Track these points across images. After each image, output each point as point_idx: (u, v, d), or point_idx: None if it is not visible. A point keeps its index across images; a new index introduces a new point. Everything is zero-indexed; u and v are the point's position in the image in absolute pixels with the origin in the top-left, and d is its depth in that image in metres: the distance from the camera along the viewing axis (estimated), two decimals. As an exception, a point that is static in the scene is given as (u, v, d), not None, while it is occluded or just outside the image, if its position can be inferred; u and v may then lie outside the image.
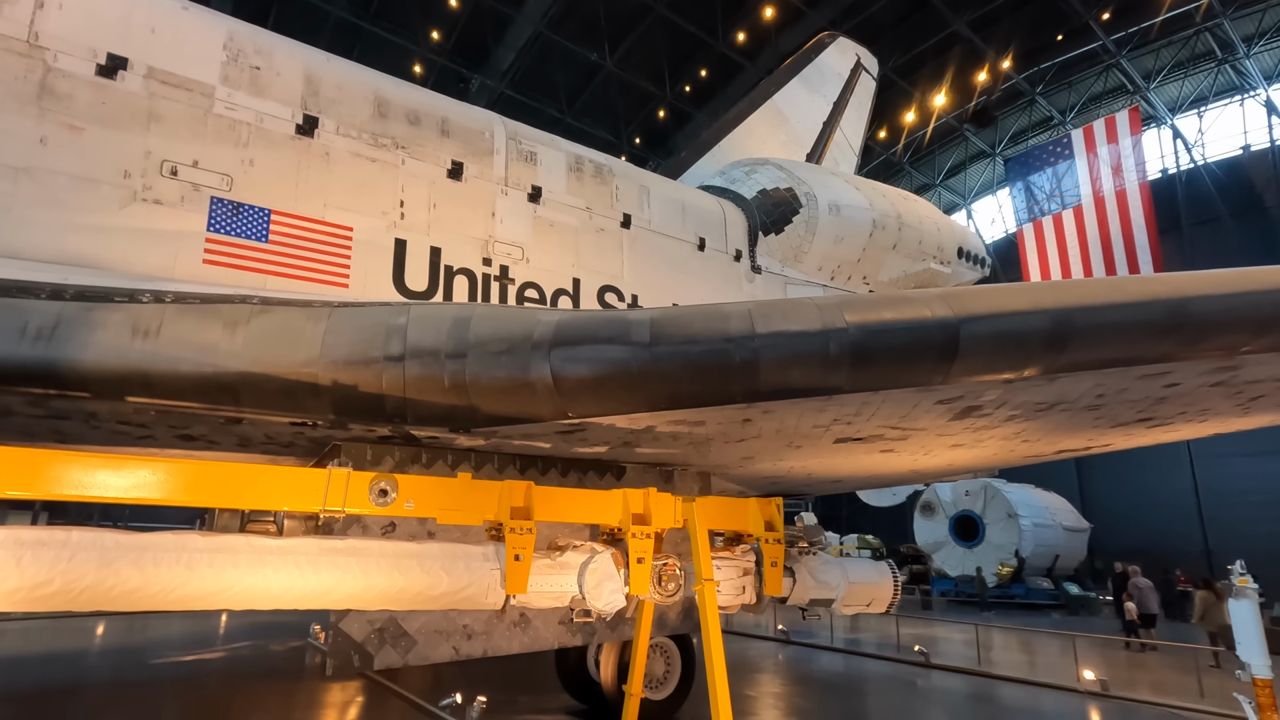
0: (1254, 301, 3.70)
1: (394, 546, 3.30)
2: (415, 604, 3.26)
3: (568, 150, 8.59)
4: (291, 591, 2.96)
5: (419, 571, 3.21)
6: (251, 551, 2.91)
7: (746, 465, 6.89)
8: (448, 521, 3.57)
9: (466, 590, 3.35)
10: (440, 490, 3.62)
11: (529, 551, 3.50)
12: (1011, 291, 4.02)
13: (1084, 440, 6.85)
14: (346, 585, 3.06)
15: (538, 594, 3.59)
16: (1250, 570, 16.63)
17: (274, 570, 2.92)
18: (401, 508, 3.45)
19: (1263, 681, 3.66)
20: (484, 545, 3.56)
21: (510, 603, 3.48)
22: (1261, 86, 29.98)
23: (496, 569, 3.44)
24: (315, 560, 3.01)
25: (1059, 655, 10.66)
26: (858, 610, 5.24)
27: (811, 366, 4.01)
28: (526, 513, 3.61)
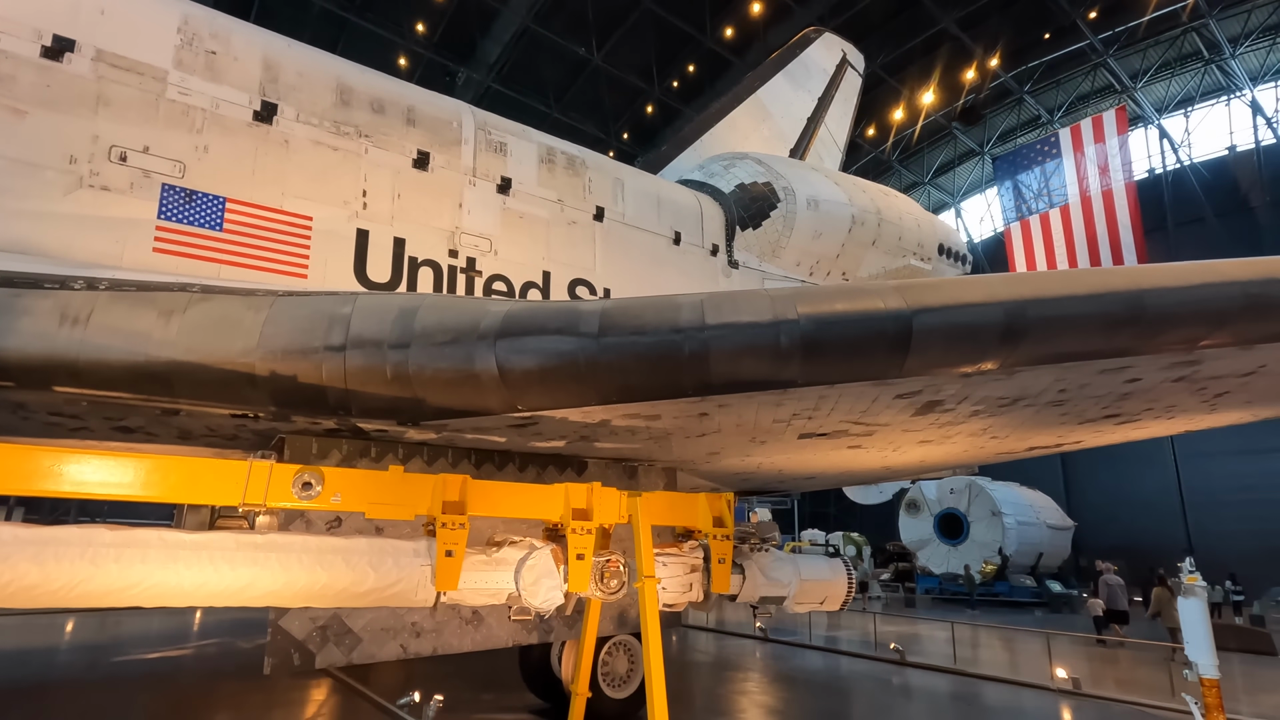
0: (1209, 295, 3.63)
1: (318, 542, 3.19)
2: (340, 601, 3.15)
3: (539, 141, 8.46)
4: (205, 588, 2.84)
5: (343, 568, 3.10)
6: (163, 546, 2.80)
7: (714, 461, 6.79)
8: (376, 516, 3.46)
9: (395, 587, 3.24)
10: (369, 484, 3.51)
11: (461, 547, 3.39)
12: (966, 284, 3.94)
13: (1054, 437, 6.79)
14: (265, 582, 2.94)
15: (472, 591, 3.49)
16: (1232, 569, 16.81)
17: (186, 566, 2.80)
18: (328, 501, 3.34)
19: (1209, 681, 3.60)
20: (416, 541, 3.45)
21: (441, 600, 3.37)
22: (1247, 87, 30.14)
23: (427, 565, 3.33)
24: (231, 556, 2.89)
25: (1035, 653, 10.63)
26: (810, 608, 5.16)
27: (762, 358, 3.92)
28: (460, 507, 3.51)
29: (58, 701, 7.60)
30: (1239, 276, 3.64)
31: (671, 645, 6.52)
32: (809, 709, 7.85)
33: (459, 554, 3.37)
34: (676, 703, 7.51)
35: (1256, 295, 3.59)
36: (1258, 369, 4.63)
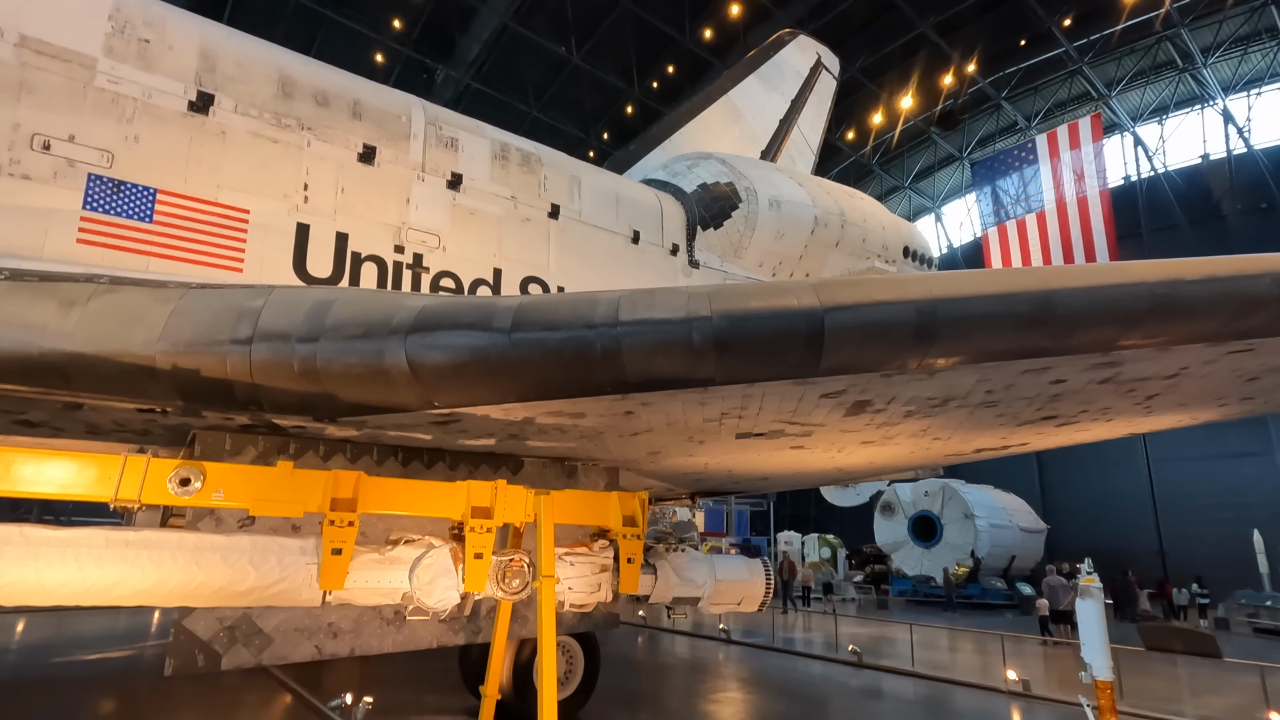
0: (1118, 295, 3.61)
1: (195, 539, 3.10)
2: (218, 600, 3.06)
3: (493, 137, 8.38)
4: (67, 586, 2.75)
5: (221, 566, 3.01)
6: (23, 543, 2.70)
7: (657, 461, 6.74)
8: (262, 513, 3.38)
9: (278, 586, 3.16)
10: (254, 480, 3.42)
11: (350, 545, 3.31)
12: (881, 282, 3.91)
13: (997, 439, 6.79)
14: (135, 580, 2.85)
15: (362, 590, 3.40)
16: (1199, 571, 16.98)
17: (48, 563, 2.70)
18: (209, 498, 3.25)
19: (1103, 684, 3.58)
20: (304, 539, 3.36)
21: (328, 599, 3.29)
22: (1219, 96, 30.56)
23: (314, 564, 3.25)
24: (99, 553, 2.80)
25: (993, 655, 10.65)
26: (727, 609, 5.12)
27: (676, 356, 3.87)
28: (352, 504, 3.43)
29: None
30: (1147, 278, 3.64)
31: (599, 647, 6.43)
32: (754, 709, 7.81)
33: (347, 552, 3.29)
34: (624, 704, 7.49)
35: (1164, 296, 3.59)
36: (1180, 371, 4.64)
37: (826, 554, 28.71)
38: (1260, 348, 4.18)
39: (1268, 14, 27.33)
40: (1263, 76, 30.14)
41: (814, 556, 28.27)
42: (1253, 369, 4.70)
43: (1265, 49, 29.11)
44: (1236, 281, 3.59)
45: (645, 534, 4.54)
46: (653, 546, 5.03)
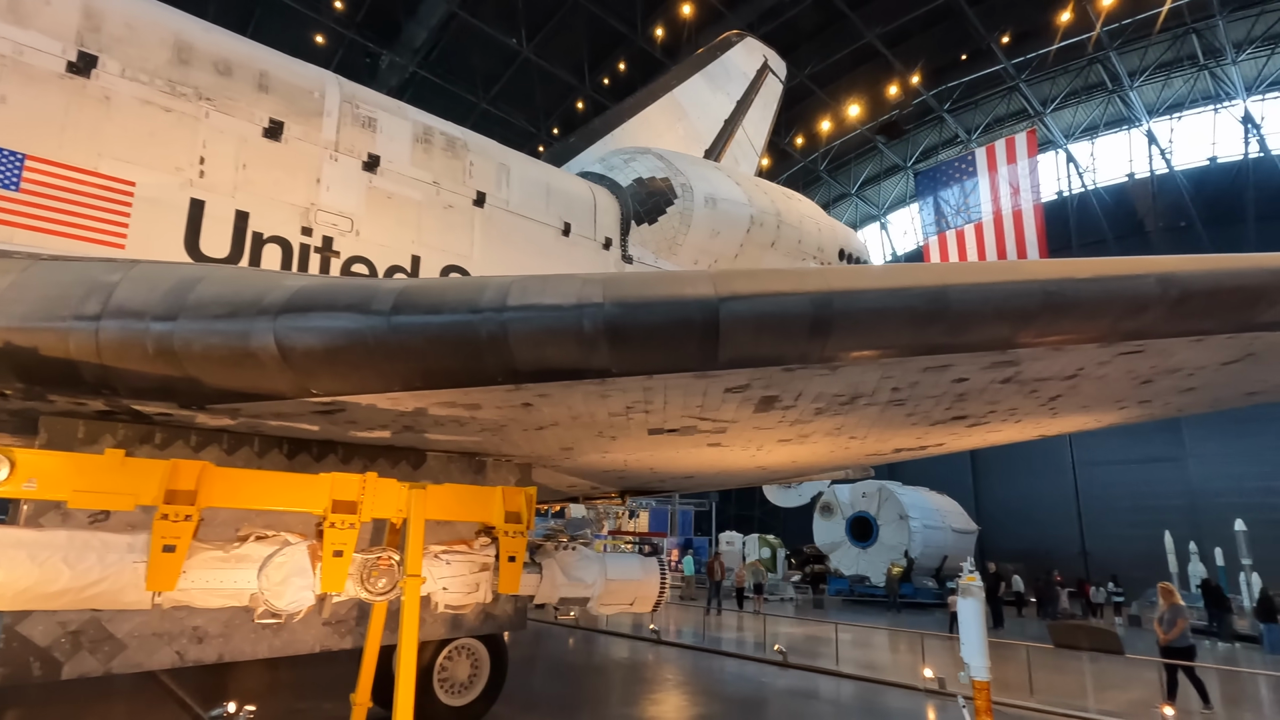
0: (1010, 293, 3.59)
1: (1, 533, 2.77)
2: (22, 604, 2.74)
3: (415, 119, 8.05)
4: None
5: (26, 565, 2.69)
6: None
7: (571, 457, 6.54)
8: (84, 505, 3.06)
9: (97, 587, 2.85)
10: (75, 468, 3.09)
11: (185, 541, 3.02)
12: (779, 274, 3.81)
13: (913, 439, 6.83)
14: (-84, 581, 2.52)
15: (202, 591, 3.12)
16: (1118, 571, 17.70)
17: None
18: (18, 488, 2.91)
19: (980, 684, 3.57)
20: (135, 535, 3.06)
21: (157, 601, 2.99)
22: (1144, 119, 32.08)
23: (142, 562, 2.95)
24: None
25: (915, 654, 10.82)
26: (619, 609, 4.98)
27: (567, 344, 3.69)
28: (191, 497, 3.13)
29: None
30: (1038, 276, 3.63)
31: (506, 650, 6.19)
32: (670, 711, 7.69)
33: (181, 549, 3.00)
34: (533, 708, 7.26)
35: (1054, 294, 3.58)
36: (1077, 372, 4.69)
37: (767, 554, 28.99)
38: (1149, 349, 4.24)
39: (1189, 42, 28.83)
40: (1184, 102, 31.79)
41: (754, 556, 28.49)
42: (1145, 371, 4.79)
43: (1186, 75, 30.70)
44: (1123, 281, 3.60)
45: (532, 531, 4.34)
46: (542, 544, 4.84)
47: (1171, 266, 3.62)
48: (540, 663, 10.57)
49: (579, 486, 9.34)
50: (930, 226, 30.30)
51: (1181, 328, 3.84)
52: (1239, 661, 13.96)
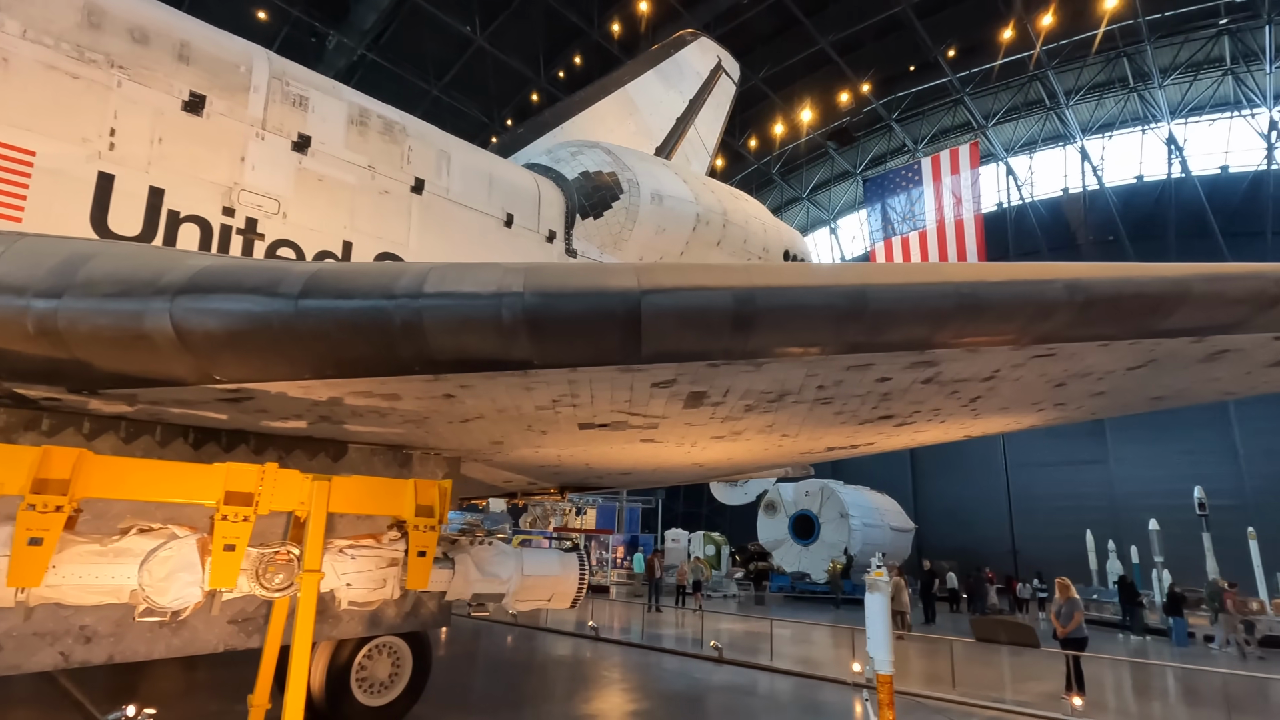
0: (927, 294, 3.65)
1: None
2: None
3: (351, 100, 7.78)
4: None
5: None
6: None
7: (503, 451, 6.43)
8: None
9: (-49, 583, 2.64)
10: None
11: (54, 534, 2.82)
12: (704, 268, 3.80)
13: (843, 437, 6.94)
14: None
15: (75, 587, 2.92)
16: (1044, 568, 18.47)
17: None
18: None
19: (884, 677, 3.65)
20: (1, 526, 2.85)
21: (19, 598, 2.79)
22: (1078, 136, 33.55)
23: (5, 556, 2.74)
24: None
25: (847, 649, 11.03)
26: (536, 605, 4.92)
27: (486, 334, 3.59)
28: (64, 486, 2.93)
29: None
30: (954, 278, 3.70)
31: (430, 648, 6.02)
32: (599, 707, 7.66)
33: (50, 542, 2.80)
34: (458, 706, 7.11)
35: (968, 296, 3.66)
36: (994, 374, 4.83)
37: (711, 551, 29.27)
38: (1060, 353, 4.39)
39: (1121, 65, 30.28)
40: (1115, 122, 33.40)
41: (699, 554, 28.73)
42: (1057, 374, 4.96)
43: (1118, 97, 32.25)
44: (1033, 286, 3.71)
45: (447, 525, 4.23)
46: (457, 539, 4.73)
47: (1078, 273, 3.75)
48: (475, 660, 10.40)
49: (515, 482, 9.21)
50: (878, 232, 31.08)
51: (1088, 332, 3.98)
52: (1148, 654, 14.74)
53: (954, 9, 26.72)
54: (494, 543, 4.71)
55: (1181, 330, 4.08)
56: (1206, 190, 31.20)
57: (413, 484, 4.07)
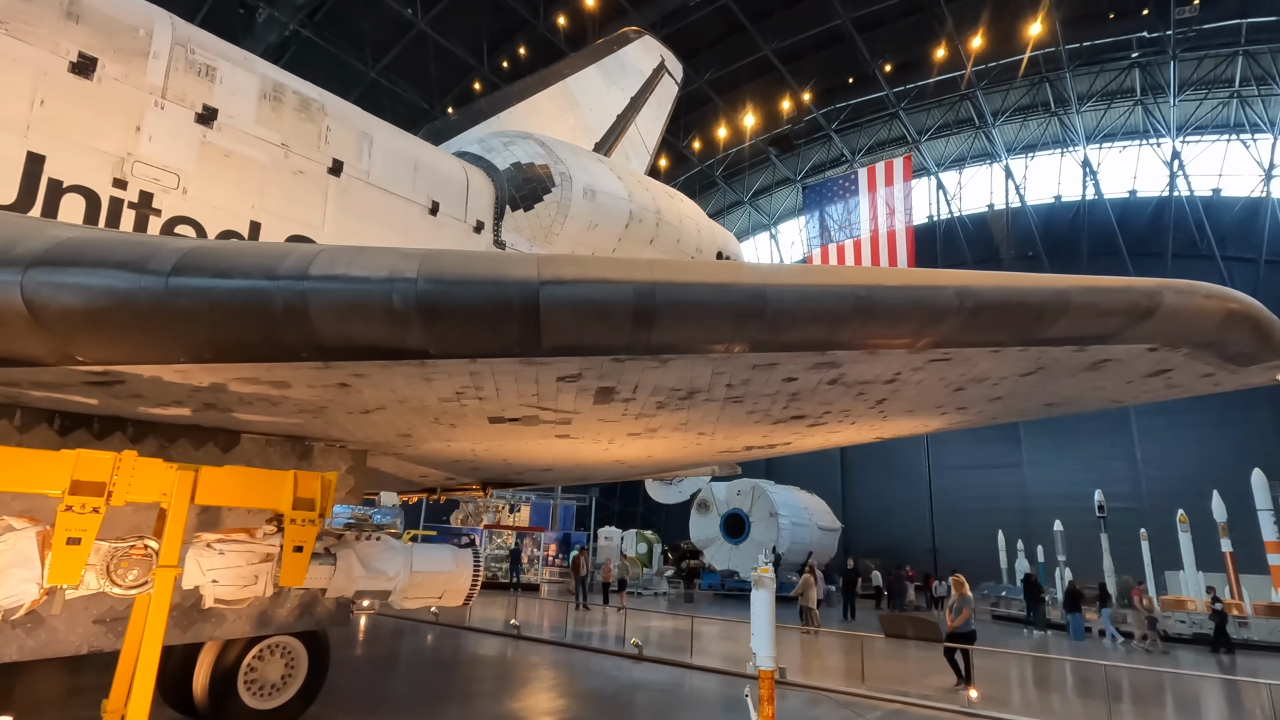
0: (824, 295, 3.71)
1: None
2: None
3: (264, 74, 7.40)
4: None
5: None
6: None
7: (413, 444, 6.24)
8: None
9: None
10: None
11: None
12: (606, 261, 3.76)
13: (759, 437, 7.02)
14: None
15: (-117, 585, 2.66)
16: (961, 567, 19.20)
17: None
18: None
19: (765, 673, 3.71)
20: None
21: None
22: (1003, 155, 35.19)
23: None
24: None
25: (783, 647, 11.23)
26: (426, 603, 4.80)
27: (375, 320, 3.45)
28: None
29: None
30: (851, 281, 3.77)
31: (326, 648, 5.79)
32: (504, 708, 7.55)
33: None
34: (358, 707, 6.86)
35: (864, 299, 3.73)
36: (896, 377, 4.96)
37: (644, 549, 29.38)
38: (955, 357, 4.54)
39: (1044, 90, 31.92)
40: (1037, 143, 35.19)
41: (631, 552, 28.81)
42: (955, 379, 5.13)
43: (1041, 120, 33.99)
44: (926, 291, 3.81)
45: (330, 520, 4.06)
46: (343, 534, 4.55)
47: (969, 281, 3.87)
48: (389, 659, 10.09)
49: (432, 476, 8.98)
50: (815, 239, 31.84)
51: (979, 338, 4.12)
52: (1048, 648, 15.55)
53: (892, 26, 27.59)
54: (382, 538, 4.55)
55: (1064, 339, 4.28)
56: (1117, 213, 33.24)
57: (292, 476, 3.88)
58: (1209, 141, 32.03)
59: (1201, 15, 24.14)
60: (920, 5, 26.43)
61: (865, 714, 7.60)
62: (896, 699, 8.27)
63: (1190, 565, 18.29)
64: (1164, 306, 4.07)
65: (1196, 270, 30.92)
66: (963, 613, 8.93)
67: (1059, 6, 24.58)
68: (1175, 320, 4.20)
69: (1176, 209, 31.39)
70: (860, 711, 7.64)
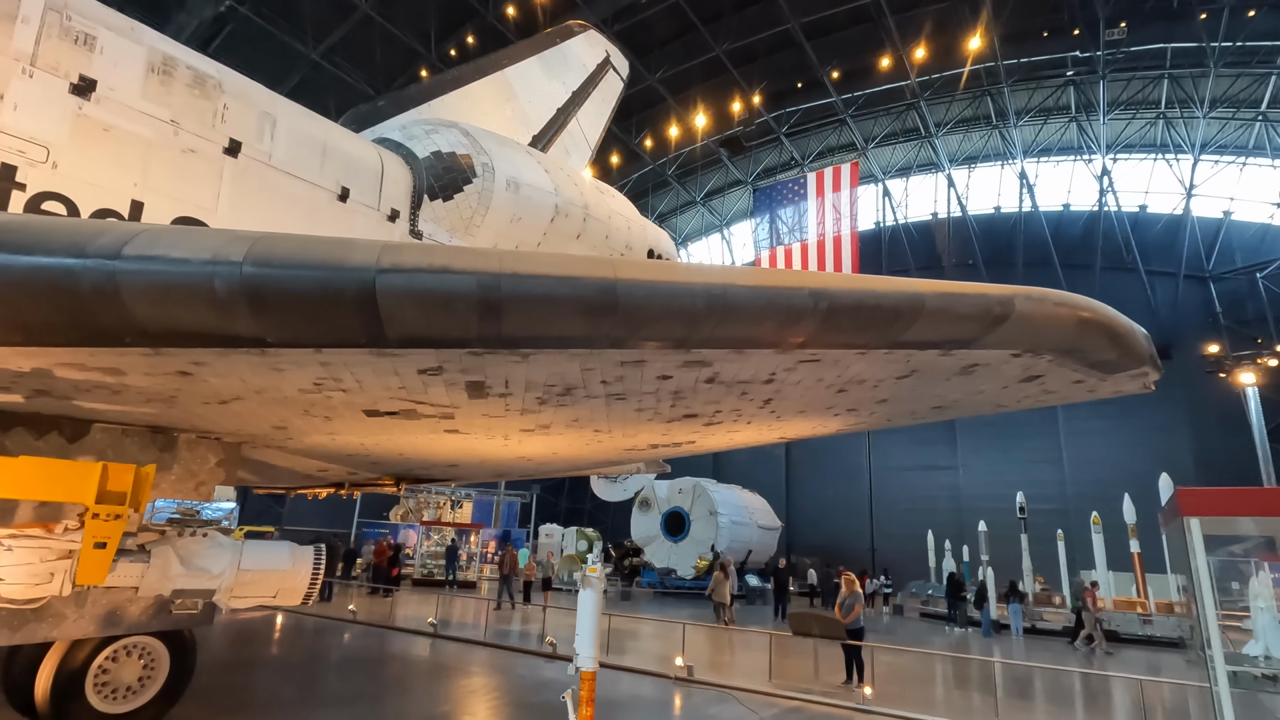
0: (675, 292, 3.67)
1: None
2: None
3: (153, 45, 7.05)
4: None
5: None
6: None
7: (291, 437, 6.02)
8: None
9: None
10: None
11: None
12: (455, 251, 3.65)
13: (659, 434, 6.99)
14: None
15: None
16: (892, 565, 19.72)
17: None
18: None
19: (586, 674, 3.69)
20: None
21: None
22: (946, 165, 36.15)
23: None
24: None
25: (687, 644, 11.25)
26: (258, 601, 4.64)
27: (196, 306, 3.28)
28: None
29: None
30: (704, 280, 3.74)
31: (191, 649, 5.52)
32: (387, 707, 7.38)
33: None
34: (226, 709, 6.57)
35: (717, 297, 3.71)
36: (772, 377, 4.98)
37: (584, 547, 29.27)
38: (824, 358, 4.57)
39: (985, 104, 32.89)
40: (979, 155, 36.28)
41: (571, 549, 28.67)
42: (832, 380, 5.18)
43: (983, 132, 35.04)
44: (780, 291, 3.81)
45: (145, 514, 3.86)
46: (165, 530, 4.35)
47: (824, 283, 3.89)
48: (284, 660, 9.78)
49: (332, 471, 8.72)
50: (764, 241, 32.25)
51: (839, 340, 4.14)
52: (970, 647, 16.02)
53: (840, 34, 28.05)
54: (209, 534, 4.35)
55: (925, 343, 4.34)
56: (1051, 225, 34.49)
57: (100, 467, 3.66)
58: (1137, 159, 33.52)
59: (1129, 38, 25.19)
60: (868, 15, 26.92)
61: (762, 711, 7.66)
62: (797, 696, 8.36)
63: (1102, 565, 19.09)
64: (1016, 312, 4.16)
65: (1122, 283, 32.35)
66: (854, 609, 9.10)
67: (997, 23, 25.33)
68: (1029, 326, 4.30)
69: (1105, 223, 32.73)
70: (756, 709, 7.70)
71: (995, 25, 25.32)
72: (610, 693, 8.21)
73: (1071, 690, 10.75)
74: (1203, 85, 28.09)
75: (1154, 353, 5.41)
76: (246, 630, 12.31)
